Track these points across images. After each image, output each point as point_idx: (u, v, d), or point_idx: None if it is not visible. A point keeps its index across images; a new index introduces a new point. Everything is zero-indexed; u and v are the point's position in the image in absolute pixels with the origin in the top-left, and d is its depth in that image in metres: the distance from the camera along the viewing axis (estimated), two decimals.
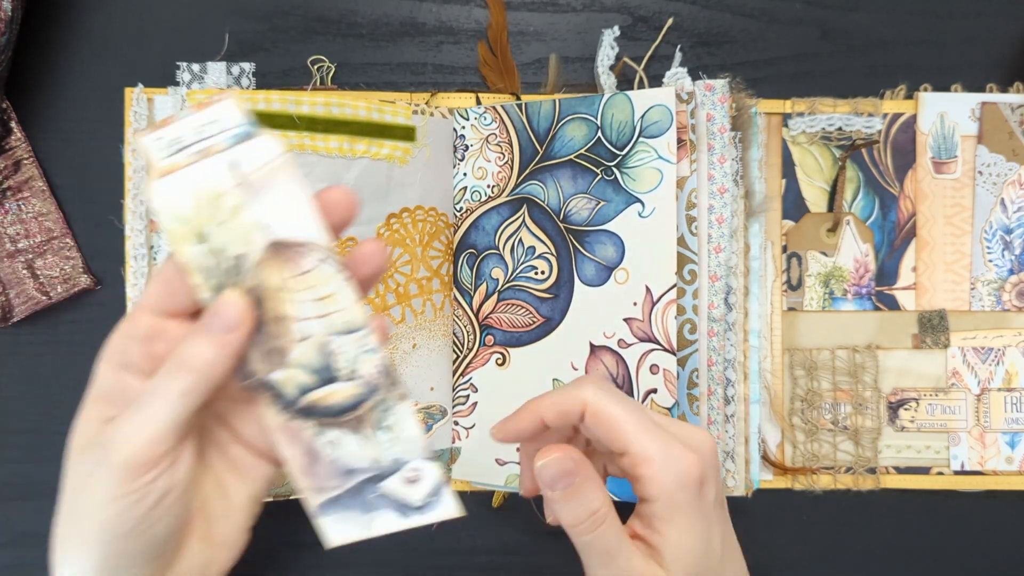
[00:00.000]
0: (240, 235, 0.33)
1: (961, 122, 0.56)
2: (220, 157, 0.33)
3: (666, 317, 0.51)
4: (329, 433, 0.36)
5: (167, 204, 0.33)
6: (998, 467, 0.56)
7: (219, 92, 0.52)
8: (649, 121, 0.51)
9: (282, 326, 0.34)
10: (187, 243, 0.33)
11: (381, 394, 0.35)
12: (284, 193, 0.33)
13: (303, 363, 0.35)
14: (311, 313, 0.34)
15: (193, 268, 0.33)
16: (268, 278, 0.34)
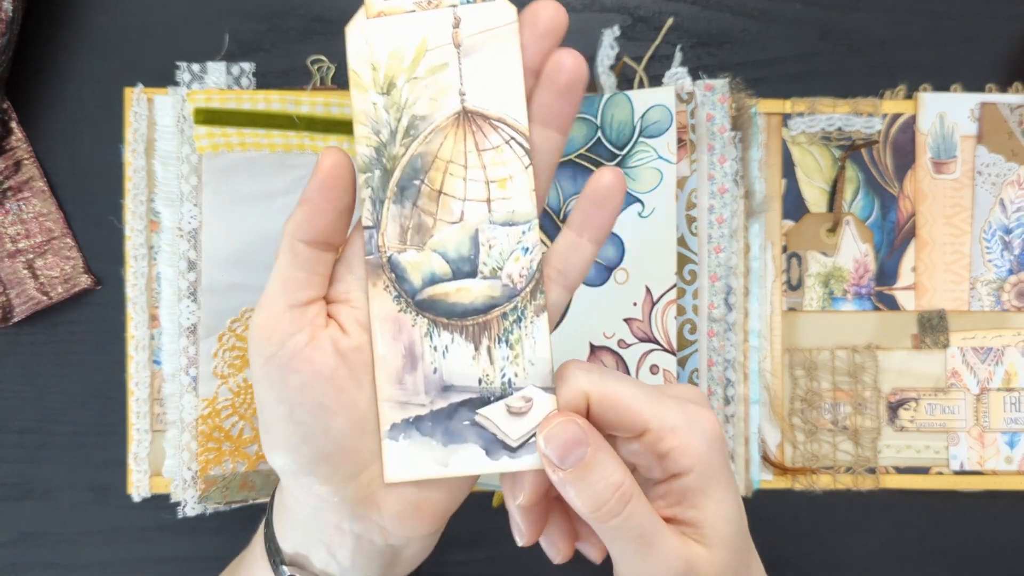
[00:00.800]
0: (431, 95, 0.31)
1: (961, 122, 0.56)
2: (446, 11, 0.31)
3: (666, 317, 0.51)
4: (442, 335, 0.32)
5: (365, 46, 0.31)
6: (997, 467, 0.56)
7: (222, 92, 0.52)
8: (649, 121, 0.51)
9: (437, 202, 0.32)
10: (368, 90, 0.31)
11: (519, 301, 0.32)
12: (497, 62, 0.31)
13: (445, 248, 0.32)
14: (476, 195, 0.32)
15: (363, 118, 0.32)
16: (443, 147, 0.32)
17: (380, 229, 0.32)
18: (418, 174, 0.32)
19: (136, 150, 0.53)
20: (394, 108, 0.32)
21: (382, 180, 0.32)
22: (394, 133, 0.32)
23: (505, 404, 0.32)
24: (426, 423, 0.32)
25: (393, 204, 0.32)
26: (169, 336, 0.53)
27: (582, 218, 0.32)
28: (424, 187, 0.32)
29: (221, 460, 0.52)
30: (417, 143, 0.32)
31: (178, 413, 0.53)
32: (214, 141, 0.52)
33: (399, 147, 0.32)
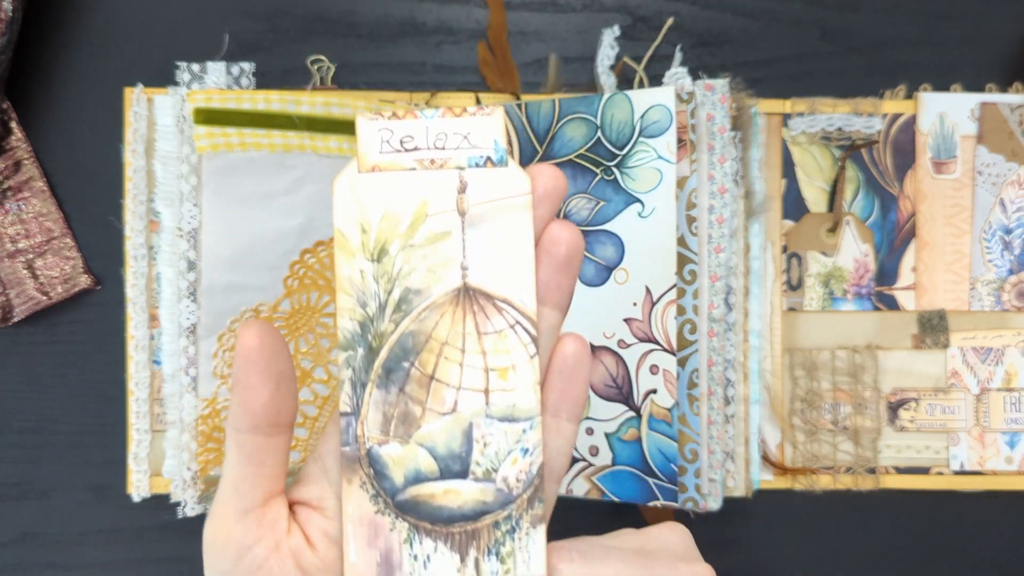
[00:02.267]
0: (429, 266, 0.28)
1: (961, 122, 0.56)
2: (451, 173, 0.28)
3: (666, 317, 0.51)
4: (424, 543, 0.28)
5: (355, 204, 0.28)
6: (997, 467, 0.56)
7: (222, 92, 0.52)
8: (649, 121, 0.51)
9: (428, 389, 0.28)
10: (356, 256, 0.28)
11: (515, 509, 0.28)
12: (506, 235, 0.28)
13: (434, 443, 0.28)
14: (473, 384, 0.28)
15: (348, 287, 0.28)
16: (439, 327, 0.28)
17: (360, 417, 0.28)
18: (408, 355, 0.28)
19: (136, 150, 0.53)
20: (385, 278, 0.28)
21: (365, 360, 0.28)
22: (383, 307, 0.28)
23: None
24: None
25: (377, 389, 0.28)
26: (169, 336, 0.53)
27: (556, 396, 0.28)
28: (414, 371, 0.28)
29: (221, 460, 0.52)
30: (409, 320, 0.28)
31: (178, 413, 0.53)
32: (214, 141, 0.52)
33: (388, 323, 0.28)
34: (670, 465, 0.51)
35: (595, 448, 0.52)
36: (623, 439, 0.52)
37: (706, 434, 0.52)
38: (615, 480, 0.52)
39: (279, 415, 0.27)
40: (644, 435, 0.52)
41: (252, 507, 0.27)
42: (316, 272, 0.52)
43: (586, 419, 0.52)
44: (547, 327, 0.28)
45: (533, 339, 0.28)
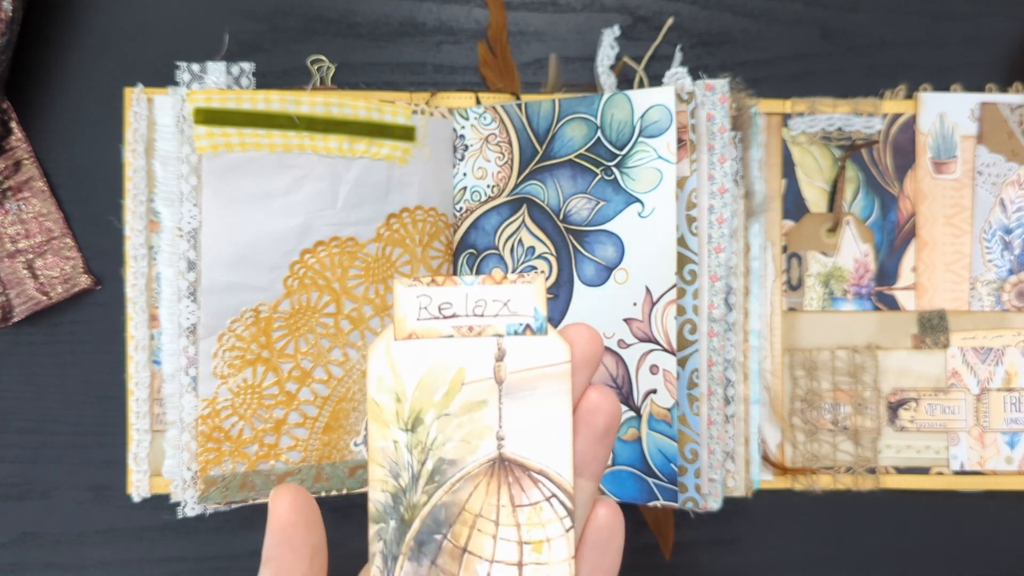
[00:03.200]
0: (464, 436, 0.28)
1: (961, 122, 0.56)
2: (490, 341, 0.28)
3: (666, 317, 0.51)
4: None
5: (390, 373, 0.28)
6: (998, 467, 0.56)
7: (222, 92, 0.52)
8: (649, 121, 0.51)
9: (460, 562, 0.28)
10: (390, 426, 0.28)
11: None
12: (544, 406, 0.27)
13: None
14: (506, 557, 0.27)
15: (381, 458, 0.28)
16: (472, 498, 0.28)
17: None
18: (440, 528, 0.28)
19: (136, 150, 0.53)
20: (419, 448, 0.28)
21: (397, 533, 0.28)
22: (416, 478, 0.28)
23: None
24: None
25: (408, 561, 0.28)
26: (169, 336, 0.53)
27: (588, 568, 0.28)
28: (446, 543, 0.28)
29: (221, 460, 0.52)
30: (442, 491, 0.28)
31: (178, 413, 0.53)
32: (214, 141, 0.52)
33: (421, 494, 0.28)
34: (670, 465, 0.51)
35: None
36: (623, 439, 0.52)
37: (706, 434, 0.52)
38: (615, 480, 0.52)
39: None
40: (644, 435, 0.52)
41: None
42: (316, 272, 0.52)
43: None
44: (583, 499, 0.28)
45: (569, 512, 0.27)
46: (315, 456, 0.53)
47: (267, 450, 0.52)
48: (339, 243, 0.53)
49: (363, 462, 0.54)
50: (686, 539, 0.57)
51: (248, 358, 0.52)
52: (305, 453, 0.53)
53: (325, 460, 0.53)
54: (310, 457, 0.53)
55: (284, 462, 0.53)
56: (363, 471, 0.54)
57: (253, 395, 0.52)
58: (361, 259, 0.53)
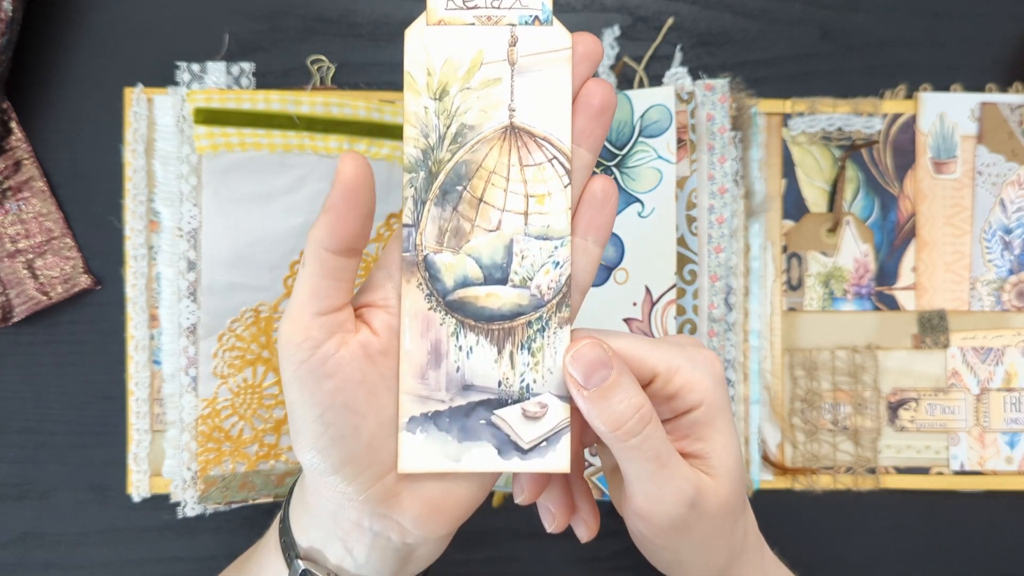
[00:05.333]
0: (482, 106, 0.33)
1: (961, 122, 0.56)
2: (504, 29, 0.33)
3: (666, 317, 0.51)
4: (467, 337, 0.33)
5: (423, 51, 0.33)
6: (997, 467, 0.56)
7: (222, 92, 0.52)
8: (648, 121, 0.51)
9: (476, 210, 0.33)
10: (422, 94, 0.33)
11: (545, 312, 0.33)
12: (548, 83, 0.32)
13: (480, 254, 0.33)
14: (515, 207, 0.33)
15: (414, 120, 0.33)
16: (488, 157, 0.33)
17: (419, 228, 0.33)
18: (461, 180, 0.33)
19: (136, 150, 0.53)
20: (444, 114, 0.33)
21: (426, 182, 0.33)
22: (442, 138, 0.33)
23: (521, 408, 0.33)
24: (444, 419, 0.33)
25: (434, 206, 0.33)
26: (169, 336, 0.53)
27: (584, 222, 0.33)
28: (466, 193, 0.33)
29: (221, 460, 0.52)
30: (463, 151, 0.33)
31: (178, 413, 0.53)
32: (214, 141, 0.52)
33: (446, 152, 0.33)
34: None
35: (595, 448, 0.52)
36: None
37: None
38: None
39: (359, 242, 0.32)
40: None
41: (327, 311, 0.31)
42: None
43: None
44: (580, 165, 0.33)
45: (567, 172, 0.32)
46: None
47: (267, 450, 0.52)
48: None
49: None
50: None
51: (248, 358, 0.52)
52: None
53: None
54: None
55: (284, 462, 0.53)
56: None
57: (253, 395, 0.52)
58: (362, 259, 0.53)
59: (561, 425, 0.33)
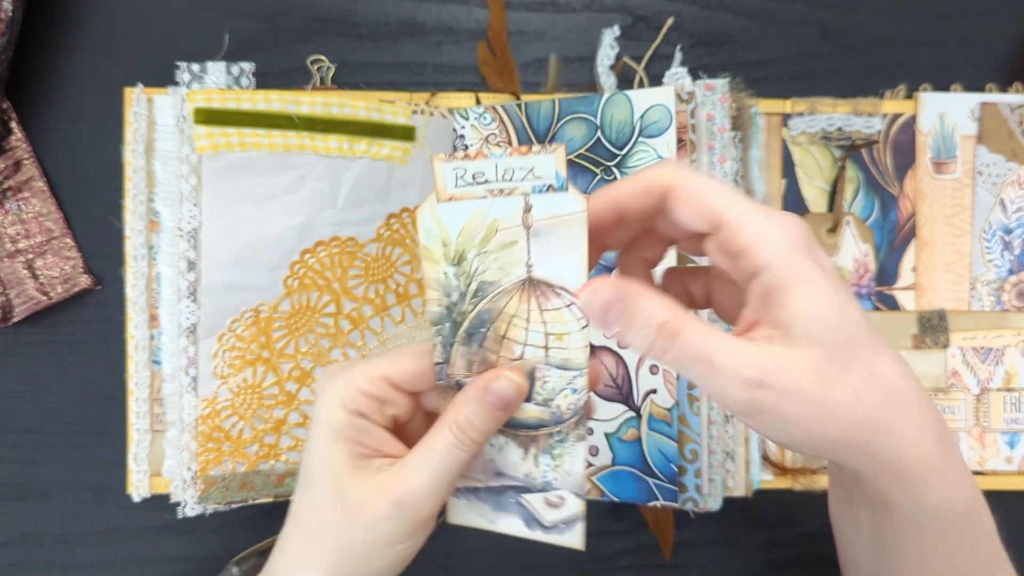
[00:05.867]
0: (500, 266, 0.35)
1: (961, 122, 0.56)
2: (518, 198, 0.33)
3: None
4: (499, 438, 0.37)
5: (435, 226, 0.34)
6: (998, 467, 0.56)
7: (222, 92, 0.52)
8: (649, 121, 0.51)
9: (501, 344, 0.36)
10: (440, 263, 0.35)
11: (565, 428, 0.37)
12: (563, 241, 0.33)
13: None
14: (536, 342, 0.36)
15: (435, 285, 0.35)
16: (508, 305, 0.35)
17: (449, 364, 0.36)
18: (485, 324, 0.36)
19: (136, 150, 0.53)
20: (464, 276, 0.35)
21: (451, 329, 0.36)
22: (464, 295, 0.35)
23: (544, 497, 0.38)
24: (482, 493, 0.39)
25: (461, 346, 0.36)
26: (169, 336, 0.53)
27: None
28: (490, 333, 0.36)
29: (221, 460, 0.52)
30: (486, 301, 0.35)
31: (178, 413, 0.53)
32: (214, 141, 0.52)
33: (468, 305, 0.36)
34: (670, 465, 0.51)
35: (595, 448, 0.52)
36: (623, 439, 0.52)
37: (706, 434, 0.52)
38: (615, 480, 0.52)
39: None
40: (644, 435, 0.52)
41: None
42: (316, 272, 0.52)
43: None
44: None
45: (582, 316, 0.34)
46: None
47: (267, 450, 0.52)
48: (339, 243, 0.53)
49: None
50: (686, 539, 0.57)
51: (248, 358, 0.52)
52: None
53: None
54: None
55: (284, 462, 0.53)
56: None
57: (253, 395, 0.52)
58: (361, 259, 0.53)
59: (577, 515, 0.37)
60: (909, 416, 0.31)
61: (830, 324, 0.30)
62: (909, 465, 0.32)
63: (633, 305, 0.32)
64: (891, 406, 0.31)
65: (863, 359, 0.31)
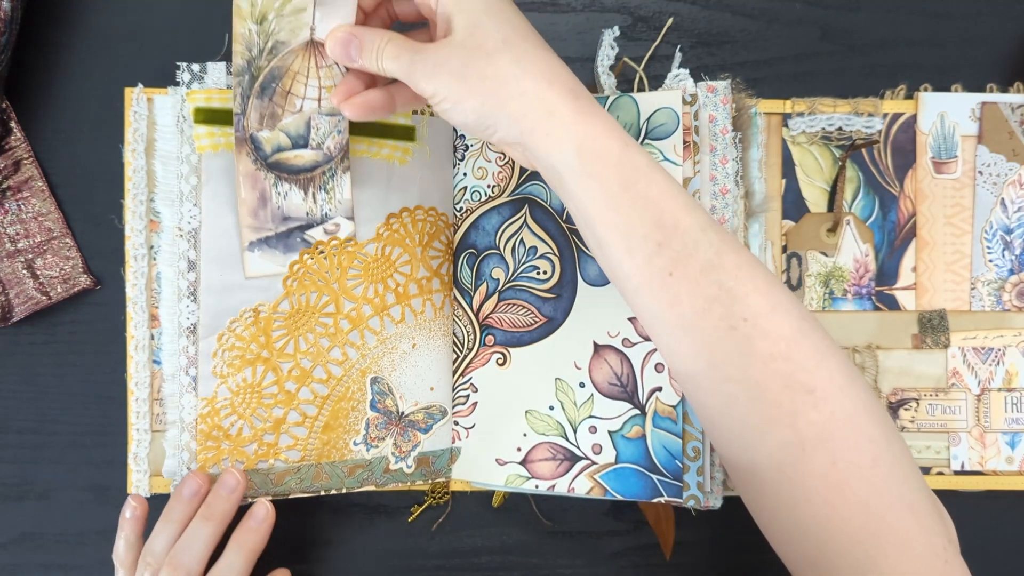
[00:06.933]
0: (291, 27, 0.46)
1: (961, 122, 0.56)
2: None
3: None
4: (283, 185, 0.50)
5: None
6: (998, 467, 0.56)
7: (222, 92, 0.52)
8: (655, 124, 0.52)
9: (286, 99, 0.48)
10: (247, 20, 0.46)
11: (333, 164, 0.50)
12: (339, 8, 0.45)
13: (288, 129, 0.49)
14: (312, 95, 0.48)
15: (240, 40, 0.47)
16: (294, 63, 0.47)
17: (245, 115, 0.48)
18: (275, 80, 0.48)
19: (136, 150, 0.53)
20: (264, 35, 0.47)
21: (249, 82, 0.48)
22: (262, 51, 0.47)
23: (323, 227, 0.51)
24: (272, 240, 0.51)
25: (255, 98, 0.48)
26: (169, 336, 0.53)
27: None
28: (278, 88, 0.48)
29: (220, 458, 0.52)
30: (276, 59, 0.47)
31: (178, 413, 0.53)
32: (214, 141, 0.51)
33: (264, 61, 0.47)
34: (675, 461, 0.51)
35: (598, 446, 0.52)
36: (627, 436, 0.52)
37: None
38: (619, 477, 0.52)
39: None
40: (648, 432, 0.52)
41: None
42: (315, 272, 0.52)
43: (589, 418, 0.53)
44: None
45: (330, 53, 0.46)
46: (314, 455, 0.53)
47: (266, 449, 0.52)
48: (338, 243, 0.53)
49: (363, 461, 0.54)
50: (686, 539, 0.57)
51: (248, 358, 0.52)
52: (304, 452, 0.53)
53: (324, 459, 0.53)
54: (309, 456, 0.53)
55: (283, 461, 0.53)
56: (362, 470, 0.54)
57: (253, 394, 0.52)
58: (360, 259, 0.53)
59: (351, 232, 0.52)
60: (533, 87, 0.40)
61: (467, 25, 0.40)
62: (532, 124, 0.39)
63: (365, 36, 0.44)
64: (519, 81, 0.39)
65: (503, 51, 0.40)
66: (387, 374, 0.54)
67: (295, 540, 0.57)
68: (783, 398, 0.37)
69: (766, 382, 0.37)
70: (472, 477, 0.55)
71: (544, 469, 0.53)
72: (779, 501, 0.38)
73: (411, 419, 0.54)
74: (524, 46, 0.40)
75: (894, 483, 0.37)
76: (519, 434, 0.54)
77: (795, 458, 0.37)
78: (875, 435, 0.37)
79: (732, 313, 0.38)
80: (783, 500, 0.38)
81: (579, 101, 0.40)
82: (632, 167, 0.39)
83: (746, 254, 0.39)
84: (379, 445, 0.54)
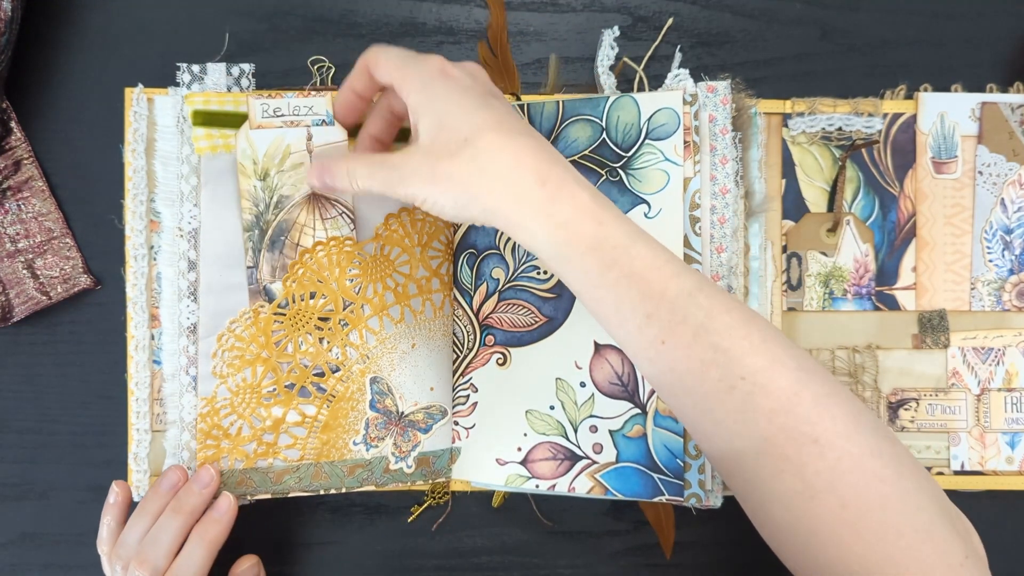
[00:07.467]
0: (292, 182, 0.50)
1: (961, 122, 0.56)
2: (303, 129, 0.50)
3: None
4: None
5: (248, 147, 0.50)
6: (998, 467, 0.56)
7: (220, 94, 0.52)
8: (656, 124, 0.52)
9: (295, 251, 0.51)
10: (251, 177, 0.49)
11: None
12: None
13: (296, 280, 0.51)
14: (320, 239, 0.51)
15: (247, 195, 0.50)
16: (300, 215, 0.51)
17: (258, 268, 0.51)
18: (283, 233, 0.51)
19: (136, 150, 0.53)
20: (268, 190, 0.50)
21: (259, 237, 0.51)
22: (268, 206, 0.50)
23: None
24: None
25: (267, 252, 0.51)
26: (169, 336, 0.53)
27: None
28: (288, 240, 0.51)
29: (219, 457, 0.52)
30: (283, 213, 0.50)
31: (178, 413, 0.53)
32: (213, 143, 0.52)
33: (271, 215, 0.51)
34: (676, 460, 0.51)
35: (599, 446, 0.52)
36: (628, 436, 0.52)
37: None
38: (619, 477, 0.52)
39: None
40: (649, 431, 0.52)
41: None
42: (315, 272, 0.52)
43: (590, 417, 0.53)
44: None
45: (352, 219, 0.51)
46: (313, 454, 0.53)
47: (266, 448, 0.52)
48: (337, 243, 0.53)
49: (362, 461, 0.54)
50: (686, 539, 0.57)
51: (247, 358, 0.52)
52: (303, 451, 0.53)
53: (323, 459, 0.53)
54: (308, 455, 0.53)
55: (283, 460, 0.53)
56: (362, 470, 0.54)
57: (252, 394, 0.52)
58: (359, 259, 0.53)
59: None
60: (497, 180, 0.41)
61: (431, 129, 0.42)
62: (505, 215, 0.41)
63: (331, 167, 0.45)
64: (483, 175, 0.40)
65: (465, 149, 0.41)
66: (386, 374, 0.54)
67: (295, 540, 0.57)
68: (789, 451, 0.37)
69: (772, 437, 0.38)
70: (472, 477, 0.55)
71: (544, 469, 0.53)
72: (795, 538, 0.39)
73: (411, 419, 0.54)
74: (488, 138, 0.41)
75: (908, 515, 0.37)
76: (519, 434, 0.54)
77: (806, 504, 0.37)
78: (885, 474, 0.37)
79: (730, 373, 0.38)
80: (799, 538, 0.38)
81: (546, 186, 0.40)
82: (611, 247, 0.39)
83: (739, 311, 0.39)
84: (379, 445, 0.54)
